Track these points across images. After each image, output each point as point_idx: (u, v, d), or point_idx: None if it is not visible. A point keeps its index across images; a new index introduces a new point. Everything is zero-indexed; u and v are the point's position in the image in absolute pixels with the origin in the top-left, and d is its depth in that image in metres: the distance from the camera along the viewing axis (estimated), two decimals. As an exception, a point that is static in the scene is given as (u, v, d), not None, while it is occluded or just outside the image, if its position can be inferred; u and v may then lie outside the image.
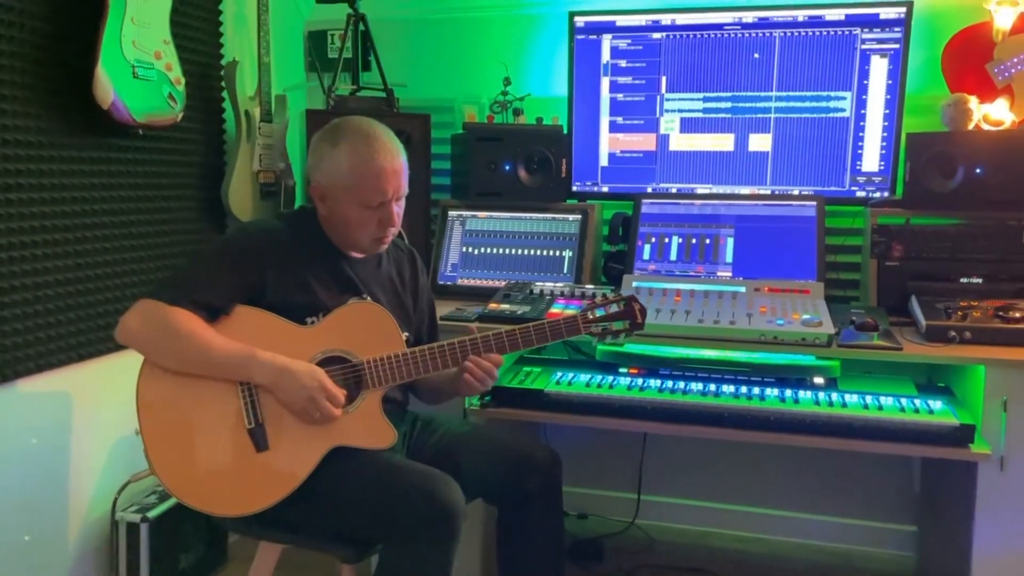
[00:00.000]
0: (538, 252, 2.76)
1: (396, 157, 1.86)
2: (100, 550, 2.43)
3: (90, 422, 2.39)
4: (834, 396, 2.14)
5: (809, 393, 2.16)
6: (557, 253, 2.75)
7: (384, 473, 1.77)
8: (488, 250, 2.80)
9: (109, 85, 2.19)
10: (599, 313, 1.91)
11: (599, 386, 2.24)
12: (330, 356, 1.81)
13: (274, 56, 2.80)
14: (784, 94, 2.71)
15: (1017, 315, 2.17)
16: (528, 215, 2.79)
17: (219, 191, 2.77)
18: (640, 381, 2.26)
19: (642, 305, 1.93)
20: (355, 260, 1.95)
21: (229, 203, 2.72)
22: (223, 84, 2.77)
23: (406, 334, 1.96)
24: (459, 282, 2.77)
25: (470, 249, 2.81)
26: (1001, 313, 2.19)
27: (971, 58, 2.61)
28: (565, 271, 2.71)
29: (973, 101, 2.51)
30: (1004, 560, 2.06)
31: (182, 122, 2.47)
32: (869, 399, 2.12)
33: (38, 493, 2.24)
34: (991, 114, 2.54)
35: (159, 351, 1.75)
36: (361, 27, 2.92)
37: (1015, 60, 2.57)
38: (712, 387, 2.21)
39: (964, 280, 2.40)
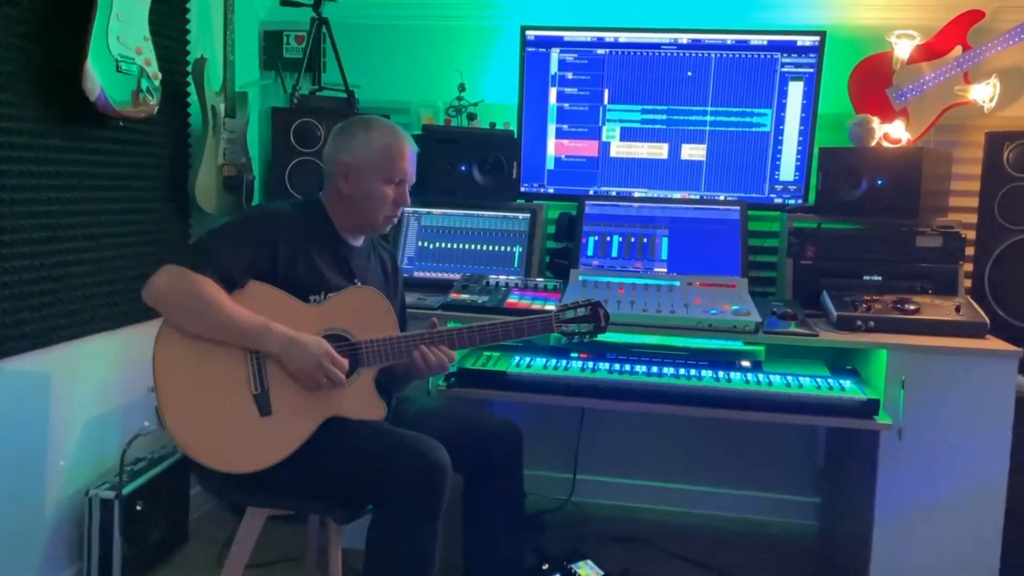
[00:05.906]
0: (490, 247, 2.97)
1: (414, 147, 2.13)
2: (73, 526, 2.50)
3: (66, 401, 2.45)
4: (760, 376, 2.43)
5: (739, 374, 2.44)
6: (508, 248, 2.96)
7: (377, 437, 1.95)
8: (442, 245, 2.99)
9: (96, 78, 2.28)
10: (569, 315, 2.13)
11: (555, 368, 2.47)
12: (332, 334, 1.98)
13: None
14: (715, 109, 3.02)
15: (912, 307, 2.53)
16: (481, 213, 3.00)
17: (183, 181, 2.87)
18: (591, 364, 2.50)
19: (606, 311, 2.15)
20: (352, 249, 2.13)
21: (196, 195, 2.82)
22: (190, 80, 2.87)
23: None
24: (415, 275, 2.95)
25: (425, 243, 3.00)
26: (899, 305, 2.54)
27: (873, 83, 2.98)
28: (516, 265, 2.93)
29: (875, 121, 2.86)
30: (902, 516, 2.40)
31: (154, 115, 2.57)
32: (790, 379, 2.41)
33: (14, 470, 2.29)
34: (890, 133, 2.90)
35: (183, 313, 1.88)
36: (324, 30, 3.06)
37: (911, 86, 2.94)
38: (655, 368, 2.46)
39: (866, 277, 2.74)
